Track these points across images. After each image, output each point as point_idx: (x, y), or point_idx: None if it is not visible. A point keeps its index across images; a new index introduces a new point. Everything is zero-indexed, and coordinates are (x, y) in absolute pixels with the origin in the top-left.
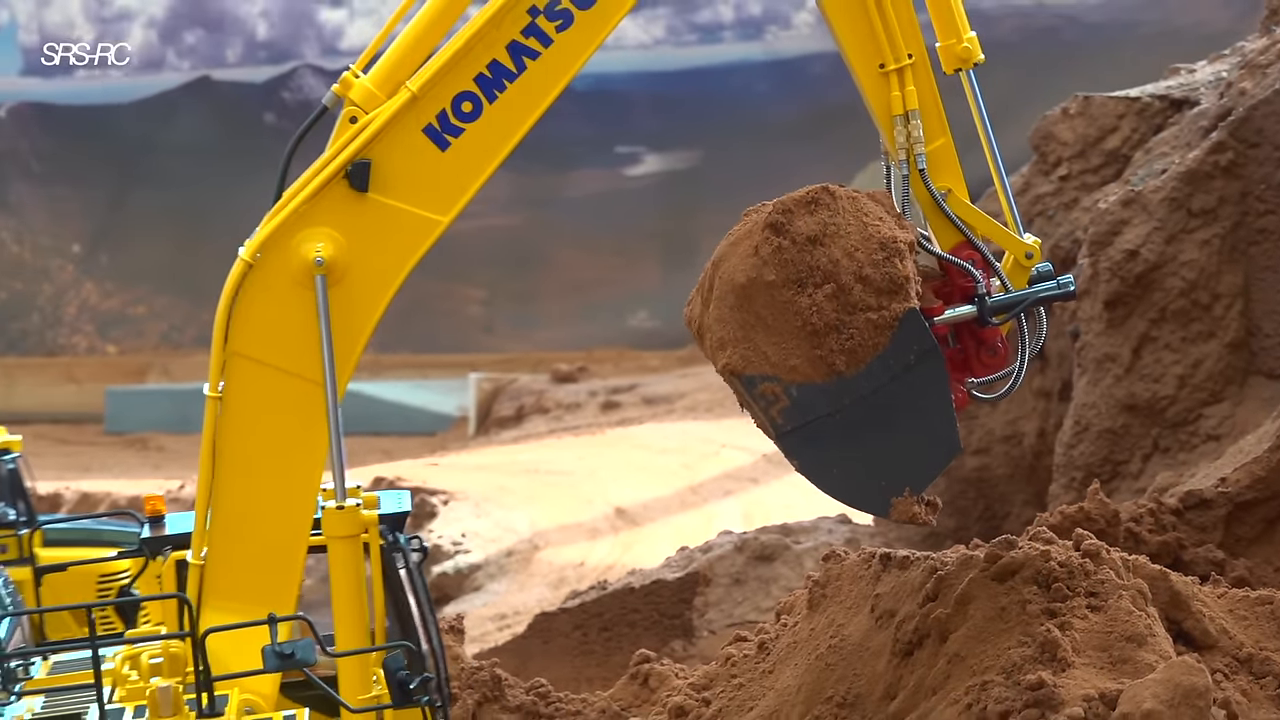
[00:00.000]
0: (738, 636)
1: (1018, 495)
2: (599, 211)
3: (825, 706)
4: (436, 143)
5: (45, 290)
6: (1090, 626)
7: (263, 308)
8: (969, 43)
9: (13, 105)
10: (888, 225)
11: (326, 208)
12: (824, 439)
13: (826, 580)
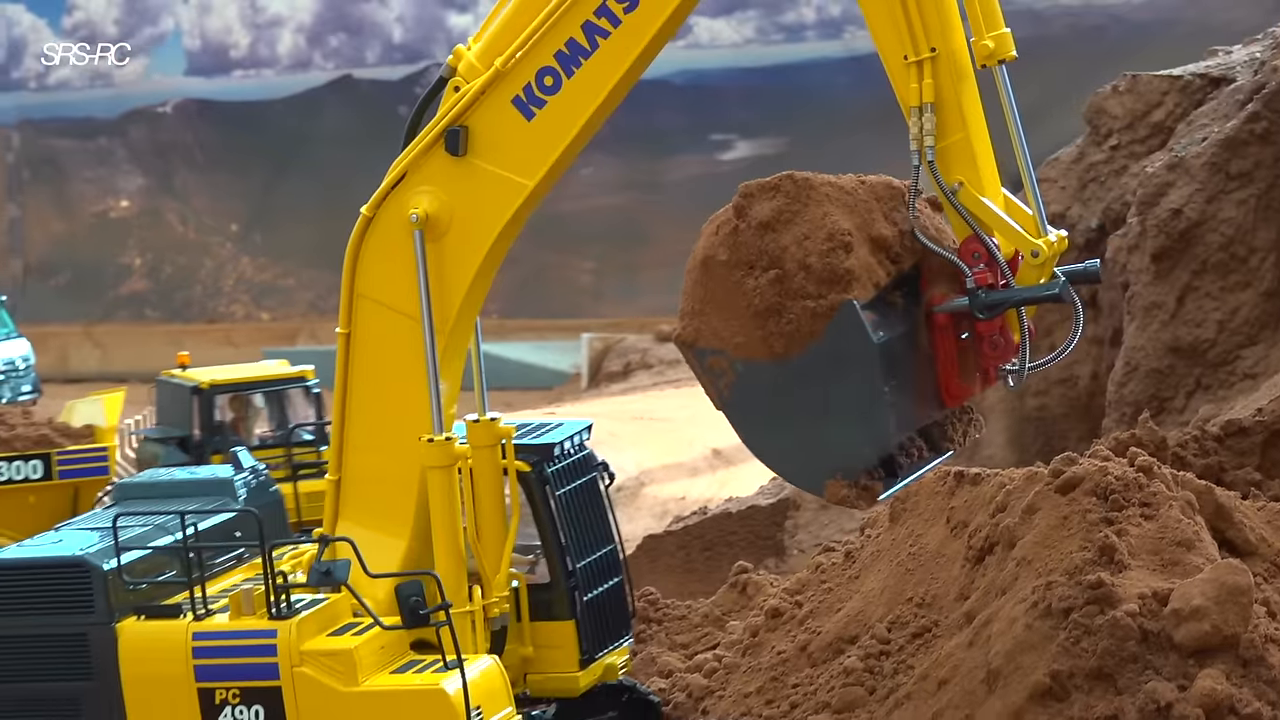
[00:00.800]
0: (826, 547)
1: (1073, 432)
2: (695, 193)
3: (906, 606)
4: (523, 113)
5: (206, 265)
6: (1144, 533)
7: (379, 255)
8: (996, 39)
9: (178, 102)
10: (844, 217)
11: (429, 169)
12: (764, 416)
13: (905, 496)
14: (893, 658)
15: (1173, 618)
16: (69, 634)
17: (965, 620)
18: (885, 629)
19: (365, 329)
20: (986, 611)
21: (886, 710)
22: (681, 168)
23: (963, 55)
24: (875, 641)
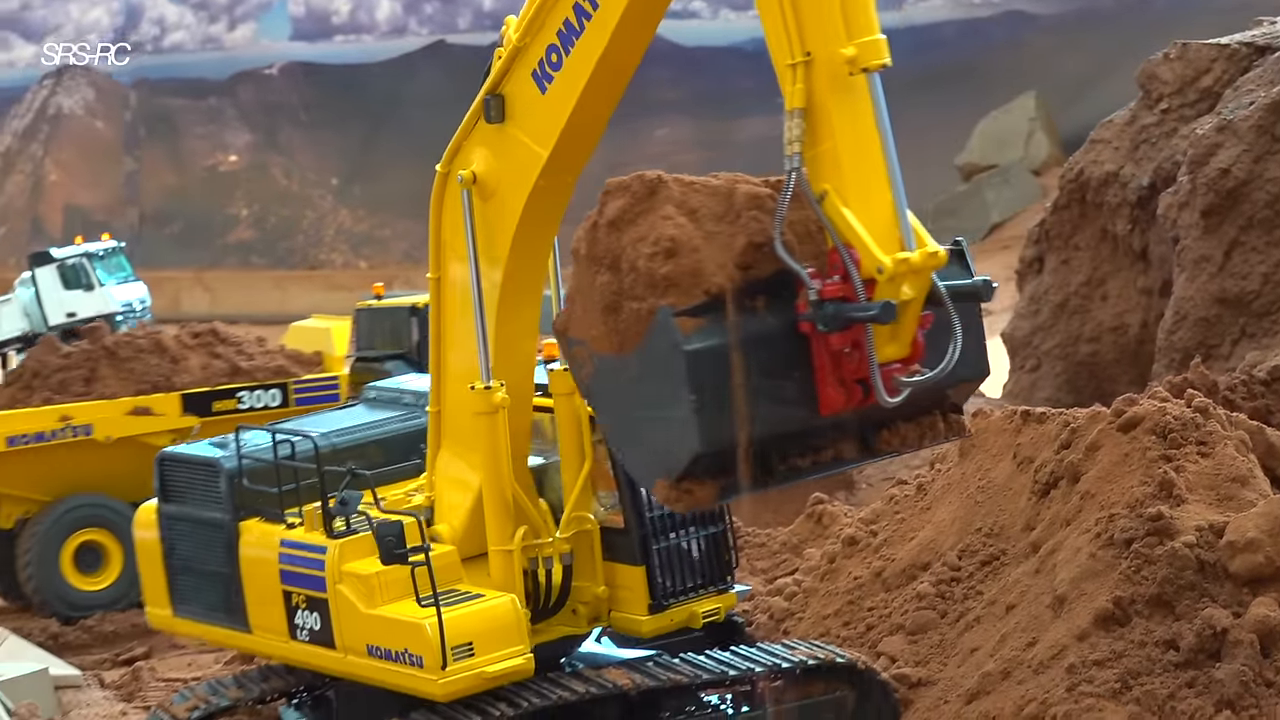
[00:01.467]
0: (899, 480)
1: (1123, 376)
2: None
3: (975, 536)
4: (539, 85)
5: (309, 216)
6: (1200, 469)
7: (450, 208)
8: (860, 46)
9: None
10: (683, 221)
11: (478, 133)
12: (613, 409)
13: (975, 433)
14: (963, 584)
15: (1228, 549)
16: (214, 522)
17: (1031, 549)
18: (956, 557)
19: (448, 274)
20: (1052, 541)
21: (957, 633)
22: (750, 128)
23: (840, 63)
24: (946, 568)
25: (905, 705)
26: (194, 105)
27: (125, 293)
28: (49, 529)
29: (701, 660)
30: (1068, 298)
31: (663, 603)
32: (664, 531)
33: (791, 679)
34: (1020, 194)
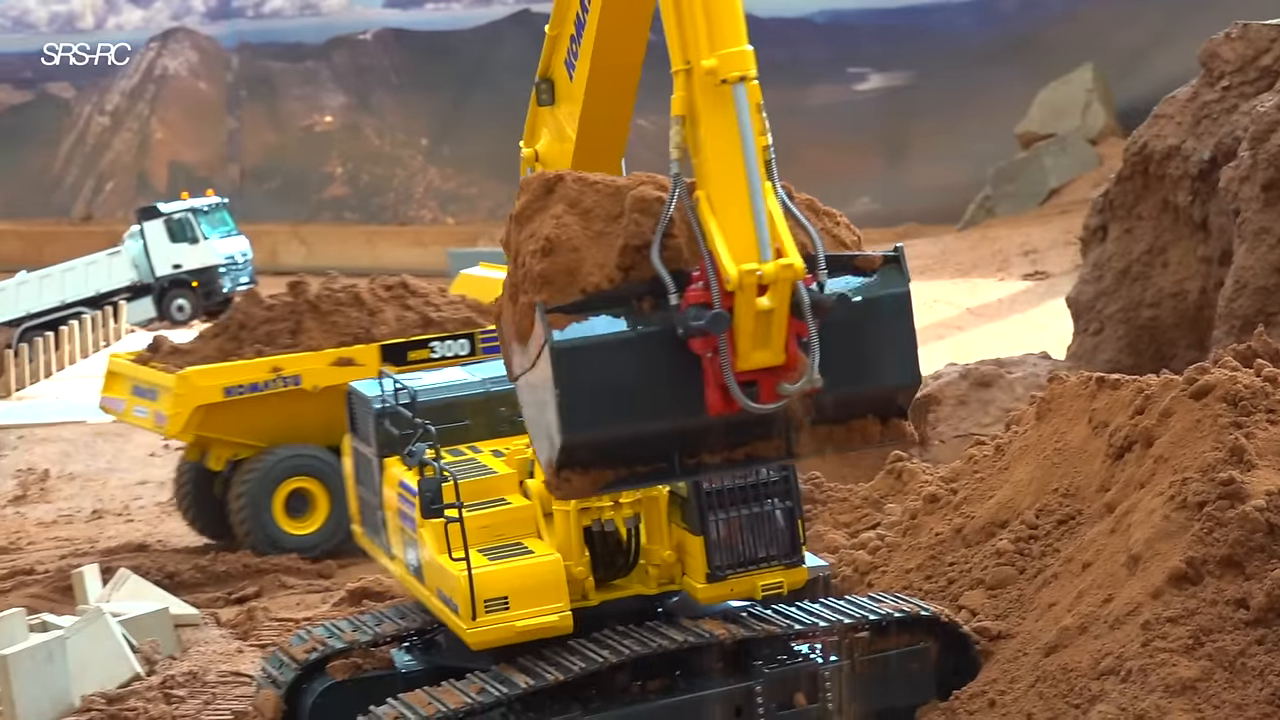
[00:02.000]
0: (977, 440)
1: (1182, 340)
2: (833, 118)
3: (1052, 496)
4: (568, 72)
5: (399, 174)
6: (1270, 436)
7: None
8: (722, 58)
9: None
10: (570, 221)
11: (541, 115)
12: (520, 394)
13: (1051, 397)
14: (1040, 541)
15: None
16: (367, 456)
17: (1106, 510)
18: (1033, 515)
19: None
20: (1126, 503)
21: (1035, 588)
22: (821, 96)
23: (705, 74)
24: (1024, 526)
25: (985, 657)
26: (292, 68)
27: (228, 246)
28: (263, 476)
29: (793, 612)
30: (1130, 265)
31: (720, 573)
32: (724, 504)
33: (878, 630)
34: (1077, 161)
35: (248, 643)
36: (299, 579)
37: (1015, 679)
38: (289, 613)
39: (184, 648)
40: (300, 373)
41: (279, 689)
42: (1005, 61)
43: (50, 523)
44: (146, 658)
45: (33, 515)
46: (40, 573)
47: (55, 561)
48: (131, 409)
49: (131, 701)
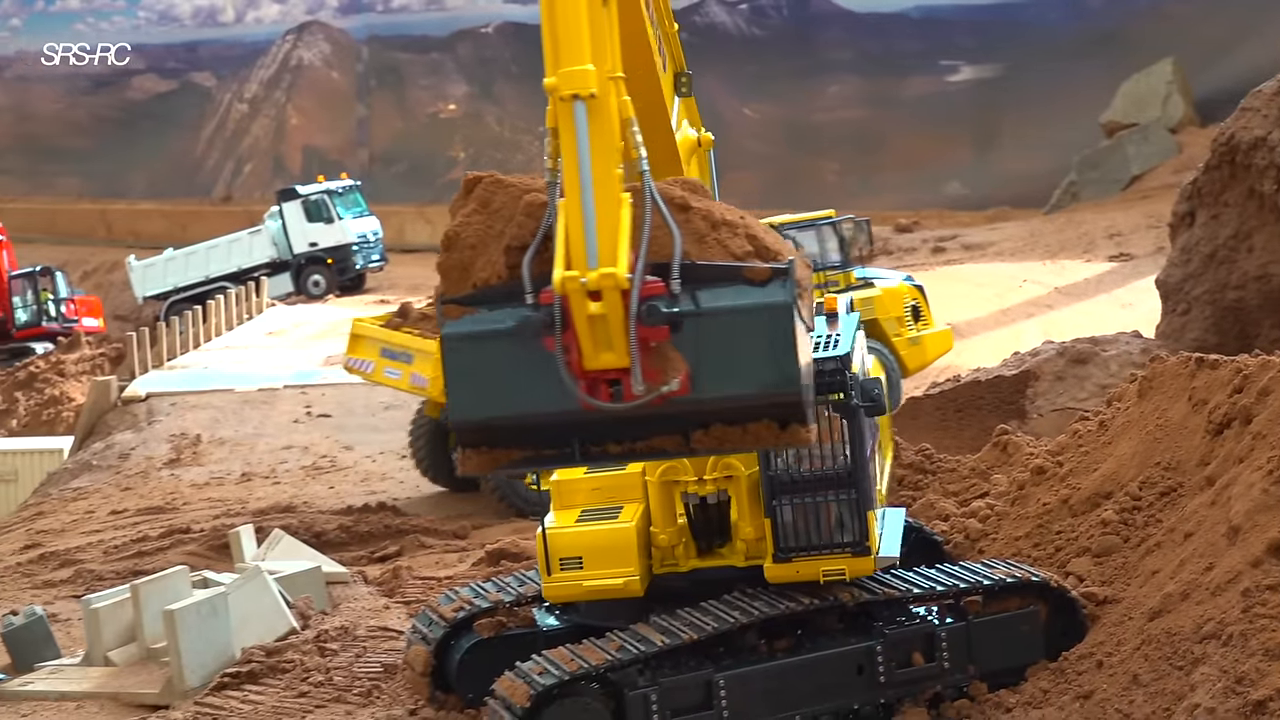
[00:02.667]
0: (1081, 416)
1: (1266, 320)
2: (926, 107)
3: (1154, 469)
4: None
5: (517, 158)
6: None
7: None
8: (562, 75)
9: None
10: (476, 220)
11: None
12: None
13: (1152, 376)
14: (1143, 512)
15: None
16: None
17: (1207, 483)
18: (1137, 487)
19: None
20: (1226, 477)
21: (1139, 556)
22: (914, 87)
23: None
24: (1128, 498)
25: (1092, 620)
26: (418, 59)
27: (360, 225)
28: None
29: (913, 577)
30: (1216, 249)
31: (785, 554)
32: (790, 490)
33: (991, 594)
34: (1157, 149)
35: (393, 599)
36: (437, 539)
37: (1121, 641)
38: (430, 571)
39: (335, 604)
40: None
41: (429, 645)
42: (1090, 55)
43: (202, 485)
44: (301, 613)
45: (186, 478)
46: (195, 532)
47: (209, 521)
48: (382, 370)
49: (289, 654)
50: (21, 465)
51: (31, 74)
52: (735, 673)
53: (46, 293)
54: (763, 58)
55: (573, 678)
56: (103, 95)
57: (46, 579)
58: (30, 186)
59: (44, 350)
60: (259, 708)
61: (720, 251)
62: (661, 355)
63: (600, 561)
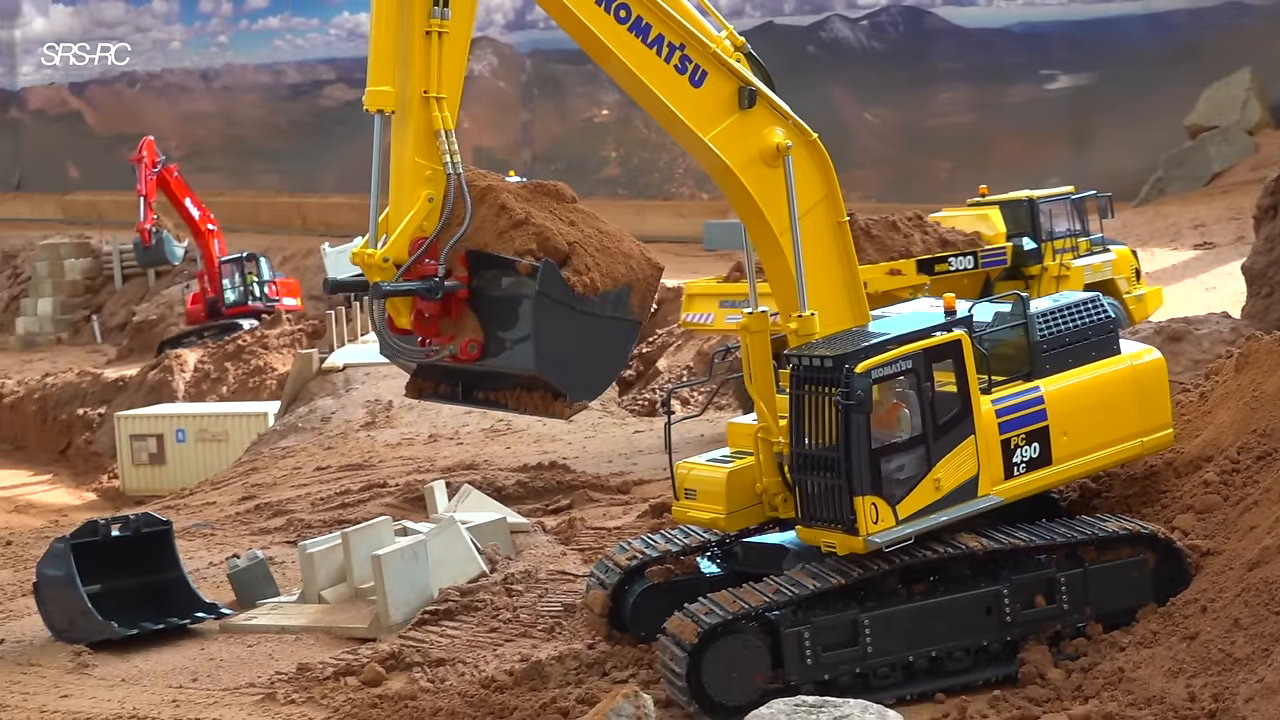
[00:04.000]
0: (1182, 388)
1: None
2: (1028, 113)
3: (1251, 436)
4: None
5: (663, 158)
6: None
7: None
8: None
9: None
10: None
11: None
12: None
13: (1248, 352)
14: (1241, 474)
15: None
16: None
17: None
18: (1235, 452)
19: None
20: None
21: (1238, 513)
22: (1017, 94)
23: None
24: (1227, 461)
25: (1195, 570)
26: (575, 70)
27: None
28: None
29: (1036, 529)
30: None
31: (806, 520)
32: (807, 466)
33: (1105, 544)
34: (1236, 149)
35: (569, 547)
36: (603, 494)
37: (1223, 589)
38: (599, 522)
39: (518, 550)
40: (867, 280)
41: (606, 589)
42: (1175, 65)
43: (395, 444)
44: (490, 559)
45: (380, 438)
46: (391, 486)
47: (402, 477)
48: (723, 318)
49: (480, 594)
50: (231, 427)
51: (237, 84)
52: (878, 613)
53: (252, 275)
54: (882, 68)
55: (735, 617)
56: (300, 103)
57: (262, 526)
58: (236, 183)
59: (250, 326)
60: (455, 641)
61: (508, 247)
62: (461, 324)
63: (704, 497)
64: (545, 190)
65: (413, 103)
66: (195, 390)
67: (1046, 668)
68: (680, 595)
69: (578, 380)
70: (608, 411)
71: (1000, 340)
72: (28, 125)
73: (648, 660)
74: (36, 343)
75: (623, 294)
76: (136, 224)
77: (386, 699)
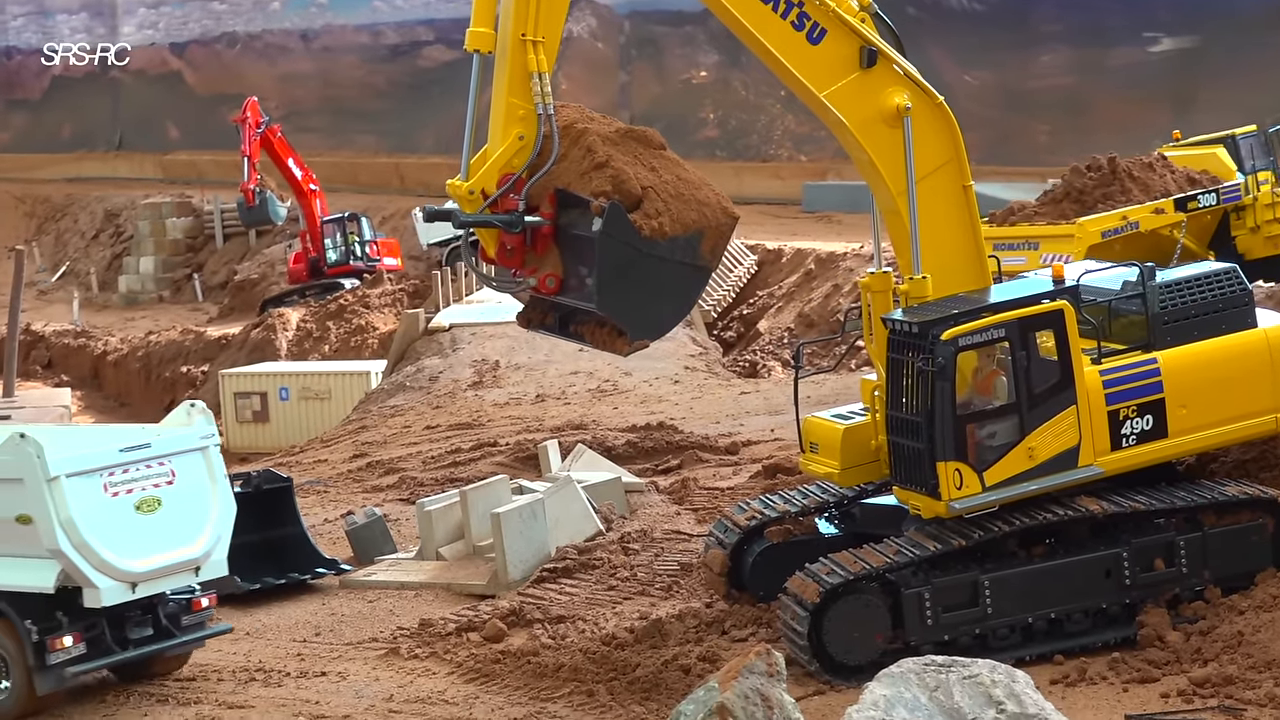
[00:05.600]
0: None
1: None
2: (1128, 76)
3: None
4: None
5: (761, 119)
6: None
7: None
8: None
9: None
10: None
11: None
12: None
13: None
14: None
15: None
16: None
17: None
18: None
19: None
20: None
21: None
22: (1119, 57)
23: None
24: None
25: None
26: (673, 32)
27: None
28: None
29: (1156, 493)
30: None
31: (898, 482)
32: (895, 430)
33: (1225, 509)
34: None
35: (683, 507)
36: (711, 454)
37: None
38: (710, 482)
39: (633, 510)
40: (1138, 219)
41: (725, 549)
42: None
43: (503, 404)
44: (605, 517)
45: (488, 398)
46: (501, 445)
47: (512, 436)
48: (1001, 259)
49: (597, 553)
50: (333, 385)
51: (336, 45)
52: (997, 575)
53: (353, 235)
54: (983, 31)
55: (856, 578)
56: (398, 63)
57: (374, 484)
58: (335, 143)
59: (351, 286)
60: (575, 598)
61: (587, 187)
62: (545, 258)
63: (823, 450)
64: (634, 136)
65: (511, 44)
66: (297, 349)
67: (1165, 631)
68: (798, 556)
69: (638, 320)
70: (712, 373)
71: (1121, 310)
72: (128, 85)
73: (766, 619)
74: (139, 301)
75: (693, 239)
76: (240, 184)
77: (509, 655)
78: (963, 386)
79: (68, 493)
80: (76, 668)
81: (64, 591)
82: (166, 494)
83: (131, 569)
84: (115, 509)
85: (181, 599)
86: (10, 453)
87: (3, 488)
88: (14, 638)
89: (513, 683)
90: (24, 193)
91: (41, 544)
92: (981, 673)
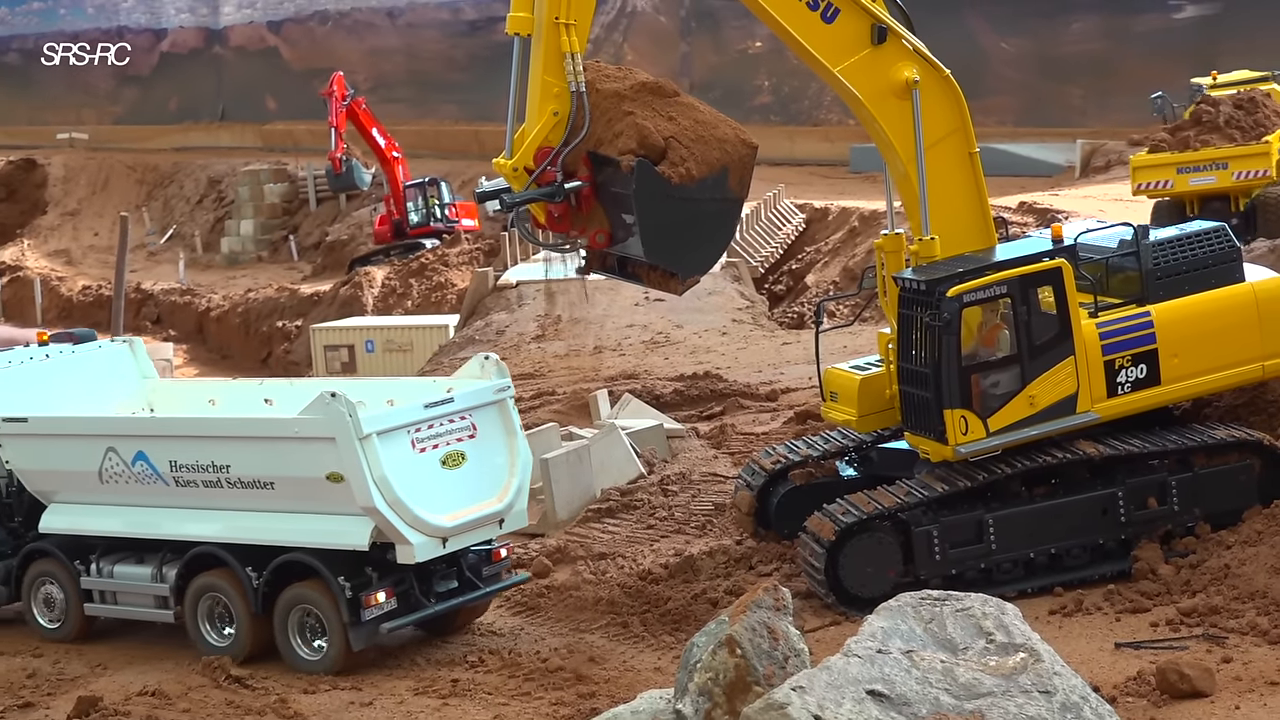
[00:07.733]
0: None
1: None
2: (1154, 40)
3: None
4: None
5: (812, 86)
6: None
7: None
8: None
9: None
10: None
11: None
12: None
13: None
14: None
15: None
16: None
17: None
18: None
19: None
20: None
21: None
22: (1145, 22)
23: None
24: None
25: None
26: (731, 5)
27: None
28: None
29: (1150, 437)
30: None
31: (909, 428)
32: (906, 380)
33: (1214, 450)
34: None
35: (720, 451)
36: (753, 401)
37: None
38: (748, 428)
39: (674, 454)
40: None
41: (752, 491)
42: None
43: (563, 356)
44: (647, 461)
45: (549, 350)
46: (559, 394)
47: (569, 386)
48: (1188, 180)
49: (638, 494)
50: (415, 338)
51: (419, 21)
52: (1002, 513)
53: (434, 199)
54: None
55: (869, 517)
56: (476, 37)
57: None
58: (419, 112)
59: (431, 245)
60: (615, 537)
61: (614, 148)
62: (591, 216)
63: (842, 399)
64: (649, 88)
65: (545, 27)
66: (382, 304)
67: (1158, 564)
68: (820, 496)
69: (686, 261)
70: (758, 324)
71: (1117, 267)
72: (230, 61)
73: (790, 555)
74: (239, 261)
75: (720, 177)
76: (328, 153)
77: (553, 589)
78: (968, 339)
79: (380, 450)
80: (390, 624)
81: (374, 548)
82: (470, 448)
83: (442, 524)
84: (423, 465)
85: (481, 550)
86: (320, 411)
87: (312, 446)
88: (328, 595)
89: (555, 615)
90: (135, 161)
91: (355, 502)
92: (973, 606)
